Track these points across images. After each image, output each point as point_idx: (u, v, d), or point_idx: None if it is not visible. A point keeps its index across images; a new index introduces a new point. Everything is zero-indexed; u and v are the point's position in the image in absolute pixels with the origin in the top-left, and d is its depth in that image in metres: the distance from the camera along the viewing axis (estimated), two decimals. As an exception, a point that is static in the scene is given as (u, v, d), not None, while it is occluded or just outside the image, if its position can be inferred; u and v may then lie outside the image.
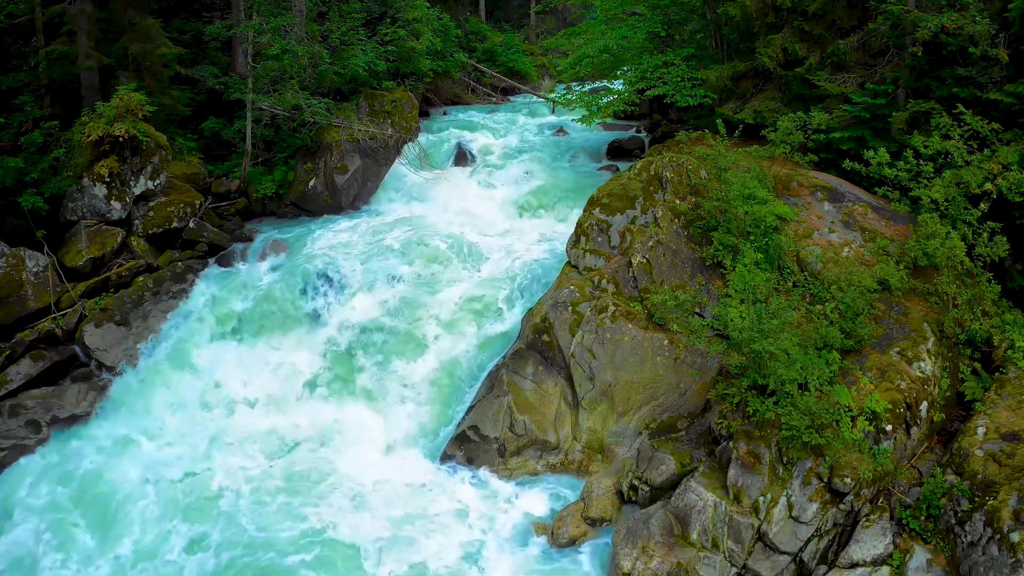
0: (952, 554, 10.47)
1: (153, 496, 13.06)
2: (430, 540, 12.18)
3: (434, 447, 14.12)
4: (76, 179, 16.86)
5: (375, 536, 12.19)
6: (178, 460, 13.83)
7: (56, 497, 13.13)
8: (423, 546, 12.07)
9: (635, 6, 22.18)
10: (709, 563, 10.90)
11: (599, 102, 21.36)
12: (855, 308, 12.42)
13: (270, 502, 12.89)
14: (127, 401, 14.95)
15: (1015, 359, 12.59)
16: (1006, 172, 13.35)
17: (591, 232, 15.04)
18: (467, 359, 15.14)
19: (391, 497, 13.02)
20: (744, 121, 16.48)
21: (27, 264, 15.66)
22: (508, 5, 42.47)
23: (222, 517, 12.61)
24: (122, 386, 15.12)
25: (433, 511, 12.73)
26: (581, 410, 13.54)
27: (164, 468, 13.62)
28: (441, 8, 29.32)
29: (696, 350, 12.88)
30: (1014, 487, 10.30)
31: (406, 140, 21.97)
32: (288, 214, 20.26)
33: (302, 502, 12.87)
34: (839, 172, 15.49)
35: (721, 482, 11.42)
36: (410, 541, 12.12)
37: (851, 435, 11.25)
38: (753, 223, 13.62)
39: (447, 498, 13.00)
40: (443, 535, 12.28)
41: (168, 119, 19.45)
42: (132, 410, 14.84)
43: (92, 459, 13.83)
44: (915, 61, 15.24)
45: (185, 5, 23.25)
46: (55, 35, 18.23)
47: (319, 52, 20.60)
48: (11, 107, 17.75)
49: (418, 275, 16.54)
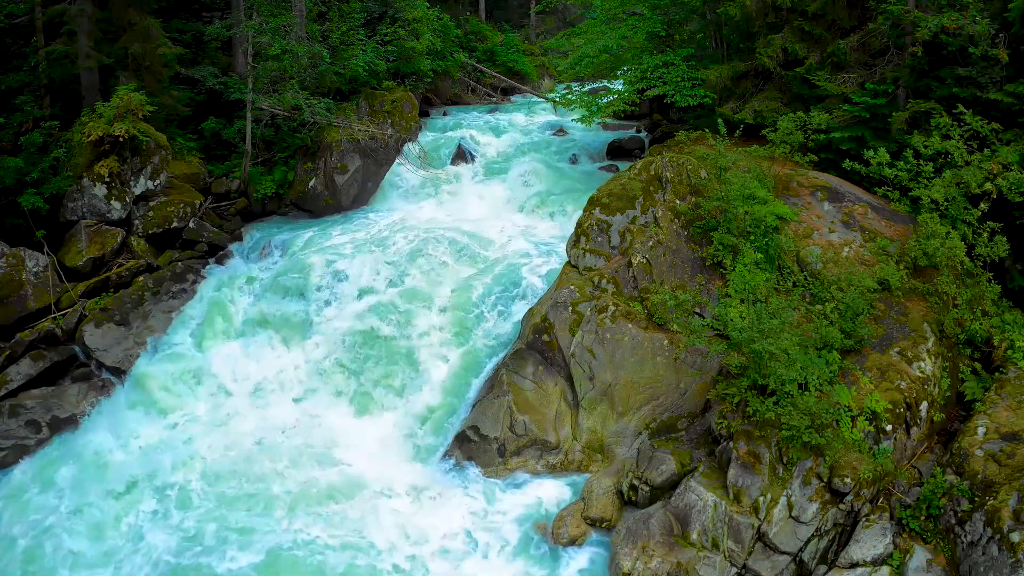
0: (952, 554, 10.47)
1: (151, 495, 13.09)
2: (430, 540, 12.18)
3: (434, 447, 14.11)
4: (76, 179, 16.87)
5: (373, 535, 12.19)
6: (177, 459, 13.82)
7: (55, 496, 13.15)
8: (423, 546, 12.07)
9: (635, 6, 22.16)
10: (709, 563, 10.90)
11: (599, 102, 21.35)
12: (855, 308, 12.41)
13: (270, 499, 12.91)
14: (127, 401, 14.94)
15: (1015, 359, 12.59)
16: (1006, 172, 13.34)
17: (591, 232, 15.04)
18: (467, 359, 15.13)
19: (390, 496, 13.01)
20: (744, 121, 16.48)
21: (27, 264, 15.67)
22: (508, 5, 42.46)
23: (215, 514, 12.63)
24: (122, 386, 15.11)
25: (433, 511, 12.73)
26: (581, 410, 13.55)
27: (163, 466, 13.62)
28: (441, 8, 29.33)
29: (696, 350, 12.87)
30: (1014, 487, 10.30)
31: (406, 140, 21.99)
32: (288, 214, 20.27)
33: (302, 503, 12.86)
34: (839, 172, 15.48)
35: (721, 482, 11.42)
36: (410, 541, 12.12)
37: (851, 435, 11.25)
38: (753, 223, 13.62)
39: (447, 498, 12.99)
40: (443, 535, 12.28)
41: (168, 119, 19.46)
42: (131, 410, 14.83)
43: (92, 459, 13.83)
44: (915, 61, 15.24)
45: (185, 5, 23.27)
46: (55, 35, 18.25)
47: (319, 52, 20.61)
48: (11, 107, 17.76)
49: (418, 275, 16.53)
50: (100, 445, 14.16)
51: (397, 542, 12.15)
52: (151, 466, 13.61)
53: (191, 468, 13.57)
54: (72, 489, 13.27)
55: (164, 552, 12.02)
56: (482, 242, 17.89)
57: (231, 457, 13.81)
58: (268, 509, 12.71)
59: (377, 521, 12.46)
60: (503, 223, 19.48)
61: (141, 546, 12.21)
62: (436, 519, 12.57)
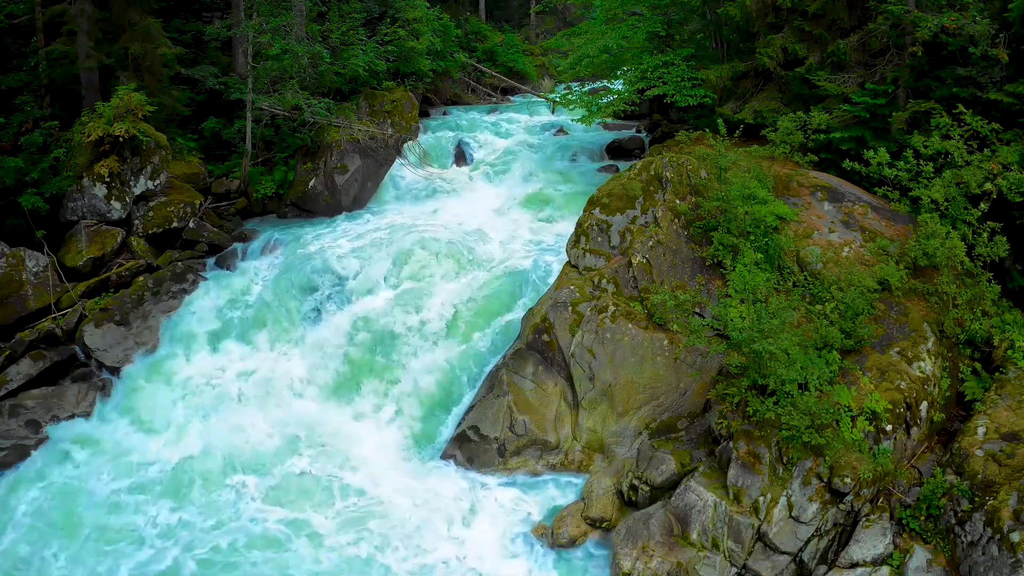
0: (952, 554, 10.47)
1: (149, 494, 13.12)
2: (429, 540, 12.18)
3: (434, 447, 14.12)
4: (76, 179, 16.88)
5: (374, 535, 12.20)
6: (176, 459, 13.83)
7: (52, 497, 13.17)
8: (423, 546, 12.06)
9: (635, 6, 22.17)
10: (709, 563, 10.90)
11: (599, 102, 21.35)
12: (855, 308, 12.41)
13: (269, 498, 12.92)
14: (126, 401, 14.95)
15: (1015, 359, 12.57)
16: (1006, 172, 13.33)
17: (591, 232, 15.04)
18: (467, 359, 15.13)
19: (390, 497, 13.01)
20: (744, 121, 16.48)
21: (27, 264, 15.68)
22: (508, 5, 42.45)
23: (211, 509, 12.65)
24: (121, 386, 15.12)
25: (433, 511, 12.72)
26: (581, 410, 13.54)
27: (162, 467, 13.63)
28: (441, 8, 29.34)
29: (696, 350, 12.87)
30: (1014, 487, 10.30)
31: (406, 140, 22.00)
32: (288, 214, 20.27)
33: (300, 503, 12.87)
34: (839, 172, 15.48)
35: (721, 482, 11.42)
36: (409, 541, 12.12)
37: (851, 435, 11.24)
38: (753, 223, 13.62)
39: (446, 498, 12.98)
40: (443, 535, 12.28)
41: (168, 119, 19.47)
42: (131, 410, 14.83)
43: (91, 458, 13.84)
44: (915, 61, 15.23)
45: (185, 5, 23.28)
46: (55, 35, 18.26)
47: (319, 52, 20.61)
48: (11, 107, 17.78)
49: (417, 275, 16.54)
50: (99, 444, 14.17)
51: (396, 542, 12.14)
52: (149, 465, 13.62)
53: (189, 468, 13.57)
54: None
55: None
56: (482, 242, 17.89)
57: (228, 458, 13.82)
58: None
59: (376, 521, 12.46)
60: (503, 223, 19.47)
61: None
62: (435, 519, 12.56)
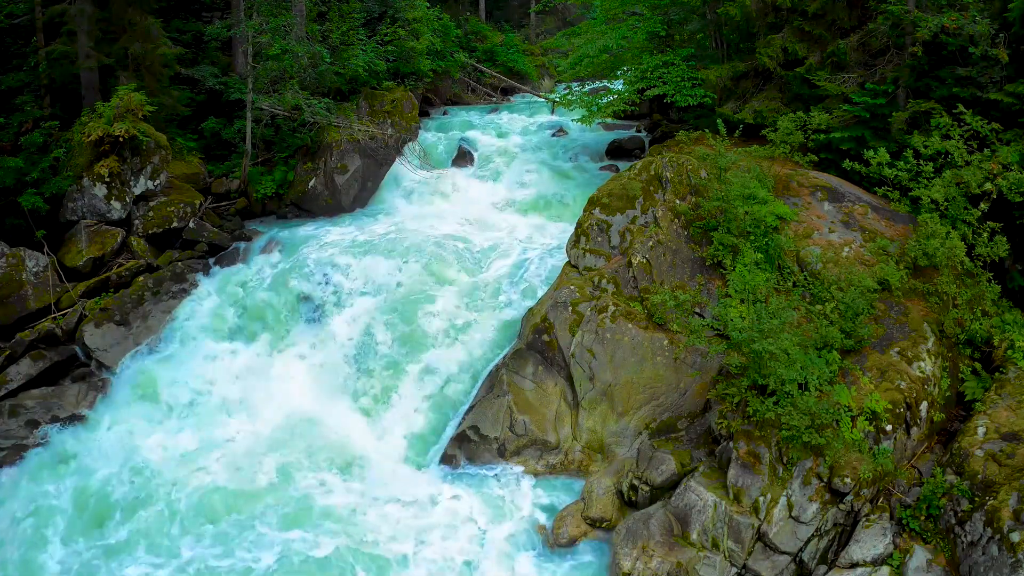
0: (952, 554, 10.47)
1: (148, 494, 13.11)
2: (430, 540, 12.18)
3: (434, 448, 14.11)
4: (76, 179, 16.86)
5: (375, 536, 12.19)
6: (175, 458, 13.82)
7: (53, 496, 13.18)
8: (423, 547, 12.07)
9: (635, 6, 22.17)
10: (709, 563, 10.91)
11: (599, 102, 21.35)
12: (855, 308, 12.41)
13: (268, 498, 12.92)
14: (126, 400, 14.94)
15: (1015, 359, 12.58)
16: (1006, 172, 13.35)
17: (591, 232, 15.04)
18: (466, 359, 15.12)
19: (390, 497, 13.01)
20: (744, 121, 16.48)
21: (27, 264, 15.67)
22: (508, 5, 42.41)
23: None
24: (121, 386, 15.11)
25: (433, 511, 12.73)
26: (581, 410, 13.54)
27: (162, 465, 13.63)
28: (441, 8, 29.32)
29: (696, 350, 12.88)
30: (1014, 487, 10.31)
31: (406, 140, 21.98)
32: (288, 214, 20.26)
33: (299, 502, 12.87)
34: (839, 172, 15.48)
35: (721, 482, 11.42)
36: (409, 542, 12.12)
37: (851, 435, 11.25)
38: (753, 223, 13.62)
39: (447, 498, 12.99)
40: (443, 535, 12.28)
41: (168, 119, 19.46)
42: (130, 409, 14.82)
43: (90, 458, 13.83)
44: (915, 61, 15.24)
45: (185, 5, 23.26)
46: (55, 35, 18.24)
47: (319, 52, 20.60)
48: (11, 107, 17.76)
49: (417, 276, 16.50)
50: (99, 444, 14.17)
51: (396, 542, 12.14)
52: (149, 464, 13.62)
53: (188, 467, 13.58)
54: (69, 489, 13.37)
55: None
56: (482, 242, 17.88)
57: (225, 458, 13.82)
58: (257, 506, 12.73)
59: (376, 521, 12.46)
60: (503, 223, 19.48)
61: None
62: (435, 519, 12.57)
